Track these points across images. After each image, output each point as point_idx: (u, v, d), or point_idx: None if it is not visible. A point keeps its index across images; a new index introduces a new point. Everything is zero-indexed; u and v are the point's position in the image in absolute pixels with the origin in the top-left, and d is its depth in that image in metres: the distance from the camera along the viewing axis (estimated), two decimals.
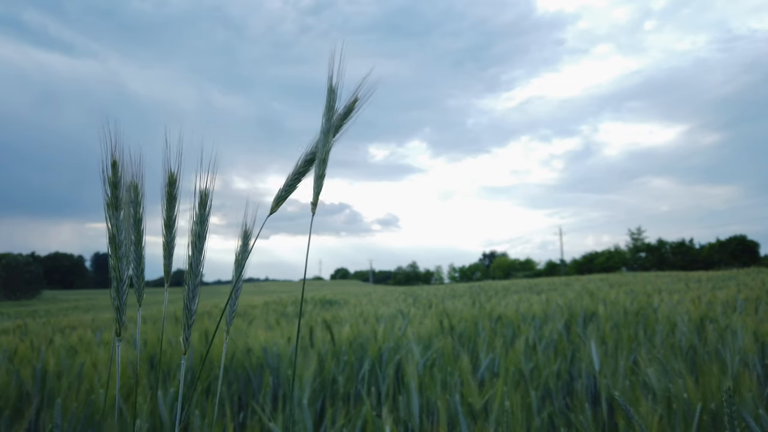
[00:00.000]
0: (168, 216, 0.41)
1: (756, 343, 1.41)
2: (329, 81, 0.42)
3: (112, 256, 0.39)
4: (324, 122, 0.42)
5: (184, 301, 0.40)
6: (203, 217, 0.41)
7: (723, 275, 9.71)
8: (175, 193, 0.41)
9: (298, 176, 0.43)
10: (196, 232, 0.40)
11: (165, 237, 0.41)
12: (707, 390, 0.95)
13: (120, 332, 0.39)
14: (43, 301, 25.38)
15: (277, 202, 0.42)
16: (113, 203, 0.39)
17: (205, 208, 0.41)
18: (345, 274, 70.52)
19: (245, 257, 0.42)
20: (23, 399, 1.34)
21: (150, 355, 1.63)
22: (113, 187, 0.39)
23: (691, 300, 3.00)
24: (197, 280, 0.40)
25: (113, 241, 0.39)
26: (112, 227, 0.39)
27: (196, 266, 0.40)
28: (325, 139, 0.42)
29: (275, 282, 48.80)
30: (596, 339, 1.72)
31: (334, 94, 0.42)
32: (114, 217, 0.39)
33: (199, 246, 0.40)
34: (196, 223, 0.40)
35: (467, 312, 2.47)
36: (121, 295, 0.39)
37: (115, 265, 0.39)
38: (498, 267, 48.97)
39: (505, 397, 1.08)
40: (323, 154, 0.42)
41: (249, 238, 0.42)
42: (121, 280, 0.39)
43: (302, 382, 1.21)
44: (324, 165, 0.42)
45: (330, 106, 0.42)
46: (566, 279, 13.51)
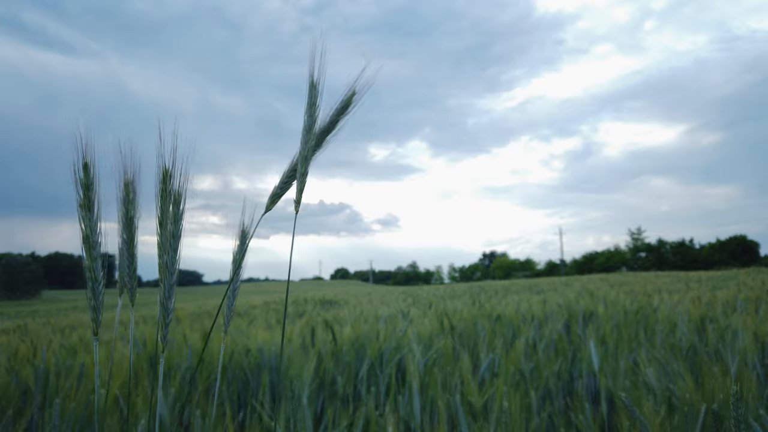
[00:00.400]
0: (162, 214, 0.41)
1: (756, 343, 1.41)
2: (310, 77, 0.42)
3: (86, 257, 0.39)
4: (306, 119, 0.42)
5: (159, 299, 0.40)
6: (177, 216, 0.41)
7: (723, 275, 9.71)
8: (170, 189, 0.41)
9: (293, 173, 0.43)
10: (171, 232, 0.41)
11: (159, 235, 0.41)
12: (709, 391, 0.95)
13: (97, 332, 0.40)
14: (43, 301, 25.38)
15: (272, 200, 0.42)
16: (85, 204, 0.39)
17: (179, 207, 0.41)
18: (345, 274, 70.54)
19: (242, 257, 0.42)
20: (23, 399, 1.34)
21: (150, 355, 1.63)
22: (86, 189, 0.39)
23: (691, 300, 3.00)
24: (173, 279, 0.40)
25: (87, 241, 0.39)
26: (85, 228, 0.39)
27: (171, 265, 0.40)
28: (307, 136, 0.42)
29: (275, 282, 48.80)
30: (596, 339, 1.72)
31: (316, 89, 0.42)
32: (87, 218, 0.39)
33: (174, 245, 0.41)
34: (171, 223, 0.41)
35: (467, 312, 2.47)
36: (97, 295, 0.39)
37: (90, 266, 0.39)
38: (498, 267, 48.98)
39: (505, 397, 1.08)
40: (305, 151, 0.42)
41: (246, 238, 0.42)
42: (96, 280, 0.39)
43: (302, 382, 1.21)
44: (306, 162, 0.41)
45: (312, 102, 0.42)
46: (566, 279, 13.52)
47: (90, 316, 0.39)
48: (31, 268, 33.37)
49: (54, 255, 53.40)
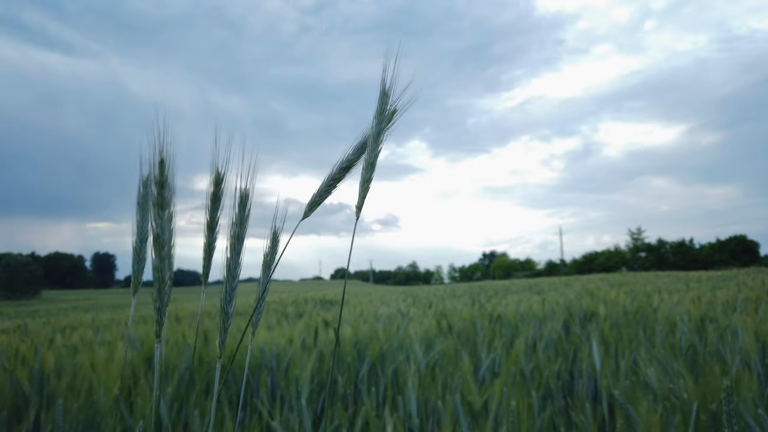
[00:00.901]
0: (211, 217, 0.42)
1: (756, 343, 1.41)
2: (382, 84, 0.42)
3: (156, 256, 0.39)
4: (375, 125, 0.43)
5: (221, 303, 0.40)
6: (242, 219, 0.41)
7: (723, 275, 9.71)
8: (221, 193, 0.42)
9: (333, 182, 0.44)
10: (235, 234, 0.40)
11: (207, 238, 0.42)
12: (707, 390, 0.95)
13: (160, 333, 0.39)
14: (43, 301, 25.38)
15: (311, 207, 0.43)
16: (159, 202, 0.39)
17: (244, 210, 0.41)
18: (345, 274, 70.40)
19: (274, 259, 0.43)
20: (24, 399, 1.34)
21: (148, 355, 1.63)
22: (160, 187, 0.39)
23: (691, 300, 3.00)
24: (235, 283, 0.40)
25: (157, 241, 0.38)
26: (156, 227, 0.38)
27: (234, 268, 0.40)
28: (374, 143, 0.42)
29: (275, 282, 48.81)
30: (596, 339, 1.72)
31: (387, 98, 0.42)
32: (159, 217, 0.39)
33: (238, 248, 0.40)
34: (235, 225, 0.41)
35: (467, 312, 2.47)
36: (163, 296, 0.39)
37: (159, 266, 0.39)
38: (498, 267, 48.98)
39: (506, 397, 1.08)
40: (372, 158, 0.42)
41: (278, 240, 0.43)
42: (163, 281, 0.39)
43: (301, 382, 1.21)
44: (372, 169, 0.42)
45: (382, 110, 0.42)
46: (566, 279, 13.51)
47: (155, 318, 0.39)
48: (31, 268, 33.38)
49: (54, 255, 53.40)
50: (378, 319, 2.70)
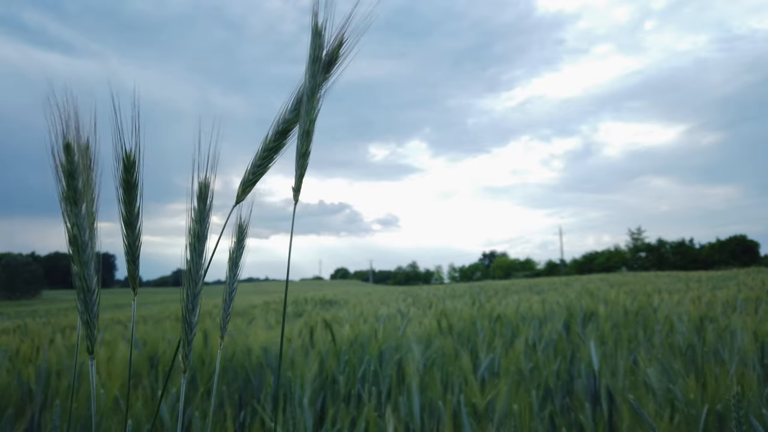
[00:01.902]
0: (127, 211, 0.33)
1: (756, 343, 1.42)
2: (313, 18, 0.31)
3: (75, 262, 0.30)
4: (308, 79, 0.32)
5: (182, 312, 0.33)
6: (202, 215, 0.33)
7: (723, 275, 9.71)
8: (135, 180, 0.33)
9: (268, 153, 0.34)
10: (195, 232, 0.32)
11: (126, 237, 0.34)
12: (709, 390, 0.95)
13: (93, 350, 0.32)
14: (43, 301, 25.38)
15: (245, 188, 0.34)
16: (71, 196, 0.30)
17: (204, 204, 0.33)
18: (345, 274, 70.53)
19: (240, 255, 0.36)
20: (24, 399, 1.34)
21: (150, 355, 1.64)
22: (69, 177, 0.30)
23: (691, 300, 3.00)
24: (198, 288, 0.33)
25: (74, 242, 0.30)
26: (72, 226, 0.30)
27: (195, 272, 0.33)
28: (309, 104, 0.32)
29: (275, 282, 48.80)
30: (595, 339, 1.72)
31: (321, 38, 0.32)
32: (74, 214, 0.30)
33: (199, 249, 0.33)
34: (194, 221, 0.33)
35: (466, 312, 2.47)
36: (91, 307, 0.31)
37: (80, 272, 0.30)
38: (498, 267, 48.98)
39: (508, 397, 1.08)
40: (306, 123, 0.32)
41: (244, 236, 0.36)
42: (89, 290, 0.31)
43: (303, 382, 1.21)
44: (308, 139, 0.32)
45: (315, 56, 0.32)
46: (566, 279, 13.52)
47: (84, 332, 0.31)
48: (31, 268, 33.38)
49: (54, 255, 53.38)
50: (378, 319, 2.70)
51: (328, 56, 0.33)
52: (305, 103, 0.32)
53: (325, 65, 0.33)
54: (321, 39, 0.32)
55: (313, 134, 0.32)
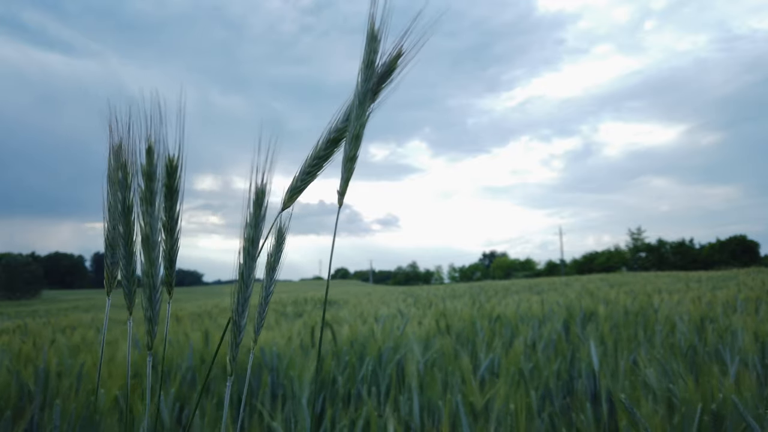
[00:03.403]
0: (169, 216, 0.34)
1: (756, 343, 1.41)
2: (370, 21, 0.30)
3: (145, 260, 0.32)
4: (360, 83, 0.31)
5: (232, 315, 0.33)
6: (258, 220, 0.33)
7: (723, 275, 9.71)
8: (177, 185, 0.33)
9: (318, 161, 0.34)
10: (250, 237, 0.32)
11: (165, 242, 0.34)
12: (708, 390, 0.95)
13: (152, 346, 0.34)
14: (43, 301, 25.37)
15: (291, 195, 0.34)
16: (147, 198, 0.31)
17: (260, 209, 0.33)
18: (345, 274, 70.51)
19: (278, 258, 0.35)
20: (25, 399, 1.34)
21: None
22: (148, 179, 0.31)
23: (691, 300, 3.00)
24: (249, 292, 0.33)
25: (146, 242, 0.32)
26: (145, 225, 0.32)
27: (248, 276, 0.33)
28: (361, 109, 0.31)
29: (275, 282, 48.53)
30: (595, 339, 1.72)
31: (376, 42, 0.30)
32: (148, 214, 0.32)
33: (252, 252, 0.33)
34: (250, 227, 0.32)
35: (466, 312, 2.47)
36: (154, 305, 0.32)
37: (149, 271, 0.32)
38: (498, 267, 48.97)
39: (507, 397, 1.08)
40: (356, 128, 0.31)
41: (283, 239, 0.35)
42: (154, 287, 0.32)
43: (302, 382, 1.21)
44: (357, 143, 0.31)
45: (369, 61, 0.30)
46: (566, 279, 13.51)
47: (145, 328, 0.33)
48: (31, 268, 33.37)
49: (54, 255, 53.38)
50: (378, 320, 2.70)
51: (385, 66, 0.32)
52: (356, 107, 0.31)
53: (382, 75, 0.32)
54: (376, 44, 0.31)
55: (362, 139, 0.32)
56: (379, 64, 0.32)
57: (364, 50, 0.31)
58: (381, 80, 0.32)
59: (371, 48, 0.31)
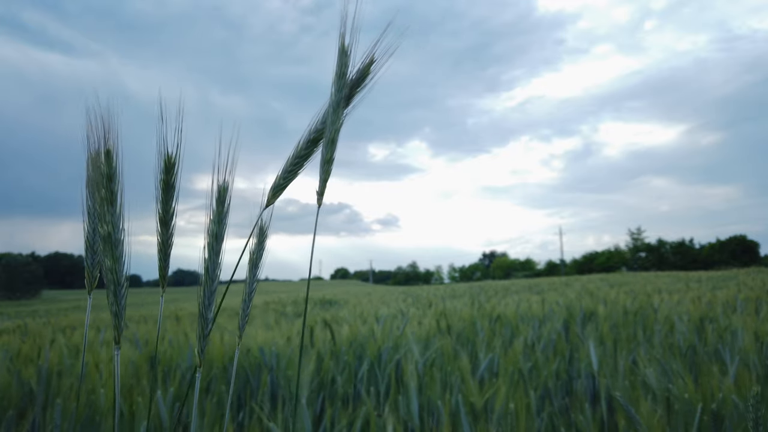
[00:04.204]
0: (164, 210, 0.36)
1: (756, 343, 1.42)
2: (341, 40, 0.34)
3: (108, 257, 0.34)
4: (334, 92, 0.35)
5: (199, 308, 0.36)
6: (221, 216, 0.36)
7: (723, 275, 9.71)
8: (174, 181, 0.36)
9: (299, 160, 0.37)
10: (213, 233, 0.35)
11: (160, 235, 0.36)
12: (707, 390, 0.95)
13: (119, 340, 0.35)
14: (43, 301, 25.37)
15: (275, 192, 0.37)
16: (108, 198, 0.34)
17: (222, 205, 0.36)
18: (345, 274, 70.53)
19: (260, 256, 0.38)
20: (31, 398, 1.34)
21: (150, 355, 1.64)
22: (108, 180, 0.34)
23: (691, 300, 3.00)
24: (214, 286, 0.36)
25: (108, 239, 0.34)
26: (107, 225, 0.34)
27: (212, 270, 0.35)
28: (335, 115, 0.35)
29: (275, 282, 48.78)
30: (595, 339, 1.72)
31: (347, 57, 0.35)
32: (110, 213, 0.34)
33: (216, 248, 0.35)
34: (213, 222, 0.35)
35: (466, 312, 2.47)
36: (120, 299, 0.35)
37: (113, 267, 0.34)
38: (498, 267, 49.00)
39: (507, 397, 1.08)
40: (332, 133, 0.35)
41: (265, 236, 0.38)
42: (118, 283, 0.35)
43: (301, 382, 1.21)
44: (333, 146, 0.35)
45: (341, 72, 0.35)
46: (566, 279, 13.52)
47: (112, 322, 0.35)
48: (31, 268, 33.37)
49: (54, 255, 53.38)
50: (378, 320, 2.70)
51: (359, 73, 0.35)
52: (330, 114, 0.35)
53: (356, 81, 0.36)
54: (346, 58, 0.35)
55: (337, 142, 0.35)
56: (350, 75, 0.35)
57: (336, 63, 0.35)
58: (355, 86, 0.36)
59: (342, 62, 0.35)
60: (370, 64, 0.36)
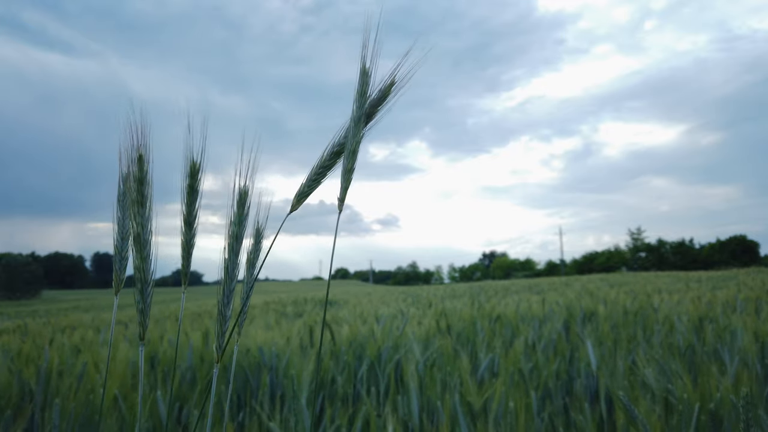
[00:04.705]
0: (188, 212, 0.39)
1: (756, 343, 1.42)
2: (362, 61, 0.38)
3: (137, 257, 0.37)
4: (355, 109, 0.39)
5: (218, 306, 0.38)
6: (241, 218, 0.38)
7: (723, 275, 9.71)
8: (197, 186, 0.39)
9: (323, 170, 0.40)
10: (234, 234, 0.38)
11: (184, 235, 0.39)
12: (706, 390, 0.95)
13: (143, 336, 0.38)
14: (43, 301, 25.37)
15: (299, 199, 0.39)
16: (139, 200, 0.37)
17: (243, 208, 0.38)
18: (345, 274, 70.50)
19: (257, 257, 0.40)
20: (30, 398, 1.34)
21: (150, 355, 1.64)
22: (139, 183, 0.37)
23: (691, 300, 3.00)
24: (233, 285, 0.38)
25: (138, 240, 0.37)
26: (137, 225, 0.37)
27: (232, 270, 0.38)
28: (356, 129, 0.38)
29: (275, 282, 48.74)
30: (595, 339, 1.72)
31: (367, 76, 0.39)
32: (140, 215, 0.37)
33: (236, 248, 0.38)
34: (233, 224, 0.38)
35: (466, 312, 2.47)
36: (146, 297, 0.37)
37: (141, 266, 0.37)
38: (498, 267, 48.99)
39: (505, 397, 1.09)
40: (353, 145, 0.38)
41: (261, 237, 0.40)
42: (146, 281, 0.37)
43: (300, 382, 1.21)
44: (354, 157, 0.38)
45: (362, 91, 0.39)
46: (566, 279, 13.51)
47: (138, 319, 0.37)
48: (31, 268, 33.37)
49: (54, 255, 53.38)
50: (378, 320, 2.70)
51: (381, 92, 0.39)
52: (352, 128, 0.38)
53: (376, 101, 0.39)
54: (367, 78, 0.39)
55: (357, 153, 0.39)
56: (370, 94, 0.39)
57: (358, 82, 0.39)
58: (376, 104, 0.39)
59: (363, 81, 0.39)
60: (391, 86, 0.39)
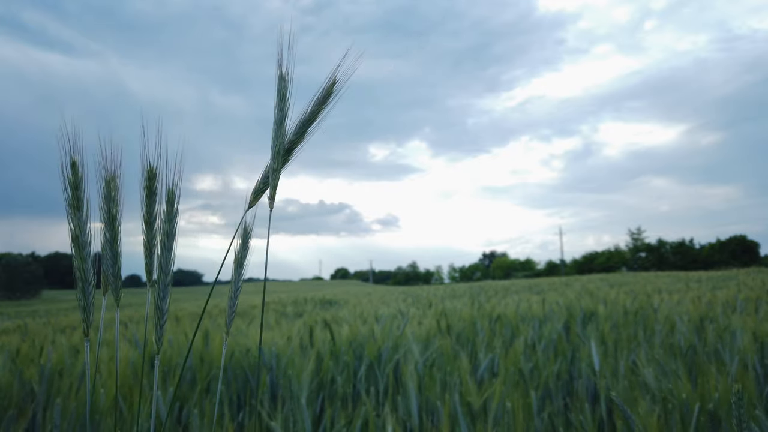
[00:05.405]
0: (147, 213, 0.41)
1: (755, 343, 1.42)
2: (278, 68, 0.41)
3: (76, 257, 0.39)
4: (276, 113, 0.41)
5: (155, 301, 0.40)
6: (171, 215, 0.41)
7: (723, 275, 9.71)
8: (155, 188, 0.41)
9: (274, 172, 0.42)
10: (165, 231, 0.41)
11: (145, 235, 0.41)
12: (705, 390, 0.95)
13: (88, 333, 0.39)
14: (43, 301, 25.37)
15: (255, 196, 0.42)
16: (74, 204, 0.38)
17: (172, 205, 0.41)
18: (345, 274, 70.51)
19: (245, 256, 0.42)
20: (31, 398, 1.34)
21: (149, 356, 1.64)
22: (74, 188, 0.39)
23: (691, 300, 3.00)
24: (168, 279, 0.40)
25: (76, 241, 0.38)
26: (74, 227, 0.38)
27: (165, 265, 0.40)
28: (278, 130, 0.41)
29: (275, 282, 48.73)
30: (595, 339, 1.72)
31: (285, 81, 0.41)
32: (76, 218, 0.38)
33: (168, 245, 0.40)
34: (164, 222, 0.41)
35: (466, 312, 2.47)
36: (87, 296, 0.39)
37: (80, 266, 0.39)
38: (498, 267, 48.99)
39: (504, 397, 1.09)
40: (277, 145, 0.41)
41: (249, 237, 0.42)
42: (86, 280, 0.39)
43: (300, 382, 1.21)
44: (279, 157, 0.40)
45: (281, 95, 0.41)
46: (566, 279, 13.51)
47: (81, 316, 0.39)
48: (31, 268, 33.37)
49: (54, 255, 53.36)
50: (378, 320, 2.70)
51: (324, 92, 0.41)
52: (275, 130, 0.41)
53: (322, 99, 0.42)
54: (285, 82, 0.41)
55: (282, 154, 0.41)
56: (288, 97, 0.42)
57: (277, 86, 0.41)
58: (320, 103, 0.41)
59: (281, 85, 0.41)
60: (333, 85, 0.41)
